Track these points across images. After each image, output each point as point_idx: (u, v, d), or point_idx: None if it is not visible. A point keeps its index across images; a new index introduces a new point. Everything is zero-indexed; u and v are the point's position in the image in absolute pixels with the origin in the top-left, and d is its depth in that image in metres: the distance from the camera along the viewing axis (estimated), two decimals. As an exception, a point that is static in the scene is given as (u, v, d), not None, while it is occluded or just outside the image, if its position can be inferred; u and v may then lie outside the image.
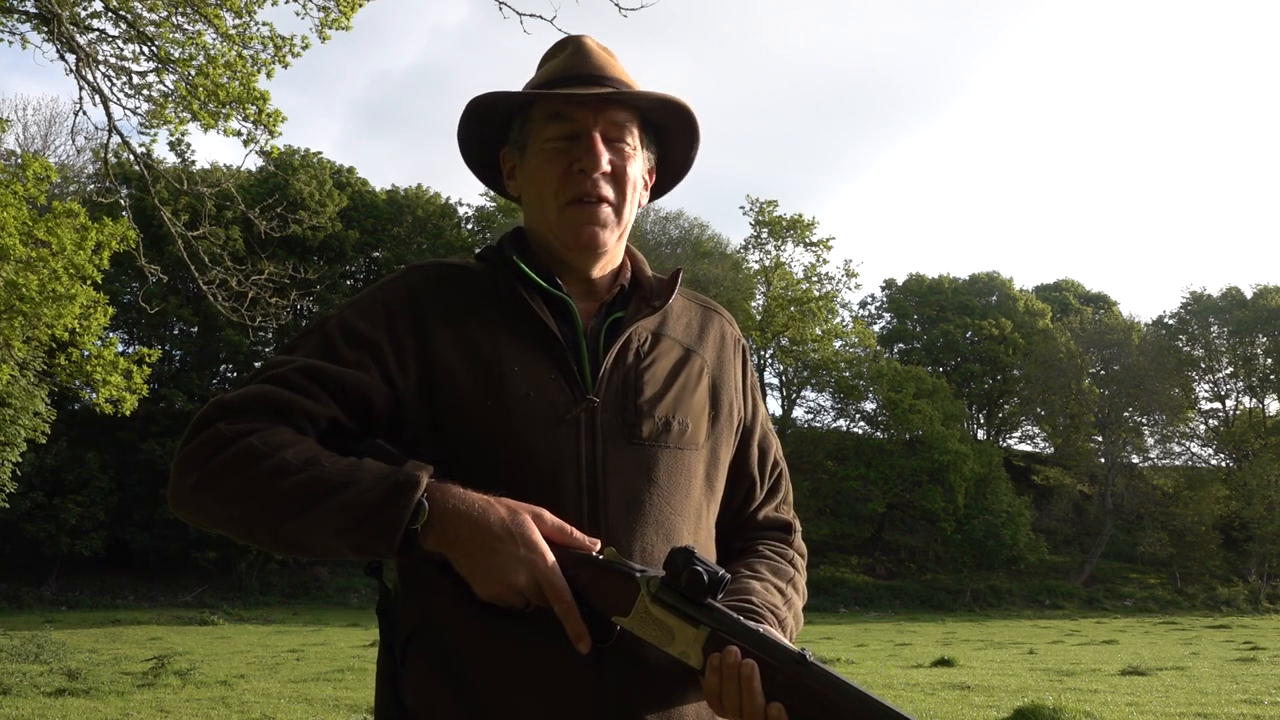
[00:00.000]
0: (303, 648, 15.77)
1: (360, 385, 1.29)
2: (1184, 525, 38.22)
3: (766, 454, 1.53)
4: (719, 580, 1.12)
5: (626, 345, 1.38)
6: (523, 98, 1.41)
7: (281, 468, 1.18)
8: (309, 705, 9.06)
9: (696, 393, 1.41)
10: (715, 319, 1.53)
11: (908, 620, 29.86)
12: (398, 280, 1.41)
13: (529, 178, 1.41)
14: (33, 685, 9.60)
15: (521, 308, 1.36)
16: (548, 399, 1.30)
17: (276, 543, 1.22)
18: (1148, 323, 47.39)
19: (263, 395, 1.26)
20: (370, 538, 1.15)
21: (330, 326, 1.35)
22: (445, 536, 1.16)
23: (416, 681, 1.26)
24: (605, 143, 1.38)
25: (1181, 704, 9.38)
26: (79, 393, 13.29)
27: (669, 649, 1.14)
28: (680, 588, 1.12)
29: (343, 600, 29.36)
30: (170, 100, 10.01)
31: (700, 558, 1.13)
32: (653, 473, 1.32)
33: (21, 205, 10.87)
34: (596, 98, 1.37)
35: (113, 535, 28.48)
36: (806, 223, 39.50)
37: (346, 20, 9.89)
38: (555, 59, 1.45)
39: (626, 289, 1.45)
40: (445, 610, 1.25)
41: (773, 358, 41.50)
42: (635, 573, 1.15)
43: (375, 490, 1.15)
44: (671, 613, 1.13)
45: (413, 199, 38.72)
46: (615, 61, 1.46)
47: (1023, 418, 47.41)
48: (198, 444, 1.23)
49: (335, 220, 30.64)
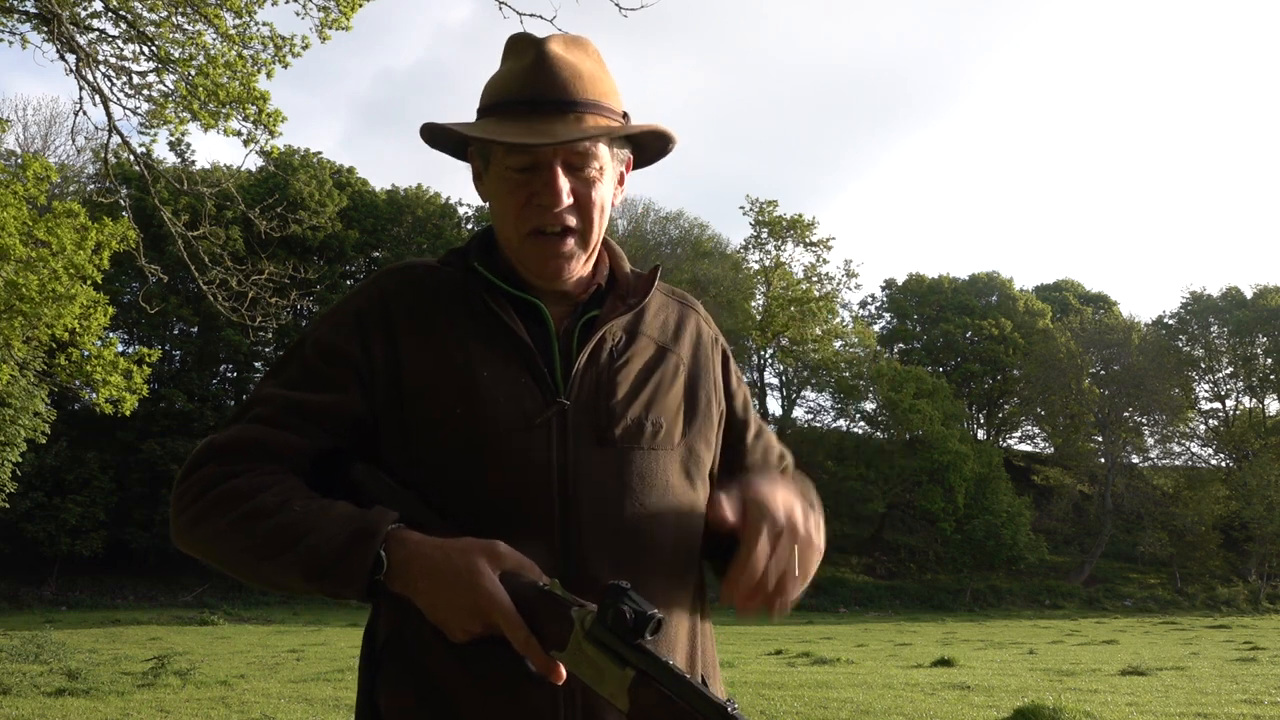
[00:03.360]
0: (303, 648, 15.77)
1: (343, 410, 1.31)
2: (1184, 525, 38.23)
3: (770, 449, 1.52)
4: (645, 620, 1.06)
5: (600, 345, 1.36)
6: (473, 138, 1.31)
7: (258, 511, 1.21)
8: (309, 705, 9.05)
9: (671, 391, 1.39)
10: (691, 315, 1.49)
11: (908, 620, 29.86)
12: (369, 286, 1.40)
13: (492, 195, 1.36)
14: (33, 685, 9.60)
15: (489, 314, 1.34)
16: (518, 405, 1.29)
17: (261, 582, 1.26)
18: (1148, 323, 47.48)
19: (251, 437, 1.28)
20: (336, 585, 1.18)
21: (307, 348, 1.36)
22: (407, 585, 1.16)
23: (390, 690, 1.29)
24: (568, 170, 1.30)
25: (1181, 704, 9.37)
26: (79, 393, 13.28)
27: (599, 689, 1.10)
28: (608, 625, 1.08)
29: (342, 600, 29.31)
30: (170, 100, 10.01)
31: (631, 596, 1.07)
32: (625, 475, 1.30)
33: (21, 205, 10.87)
34: (553, 144, 1.28)
35: (113, 535, 28.50)
36: (806, 223, 39.55)
37: (346, 20, 9.89)
38: (515, 67, 1.33)
39: (604, 286, 1.42)
40: (416, 622, 1.24)
41: (773, 358, 41.54)
42: (571, 607, 1.12)
43: (336, 539, 1.17)
44: (602, 651, 1.09)
45: (413, 199, 38.73)
46: (583, 61, 1.33)
47: (1023, 418, 47.42)
48: (188, 485, 1.27)
49: (335, 220, 30.62)
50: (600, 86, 1.32)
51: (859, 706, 9.02)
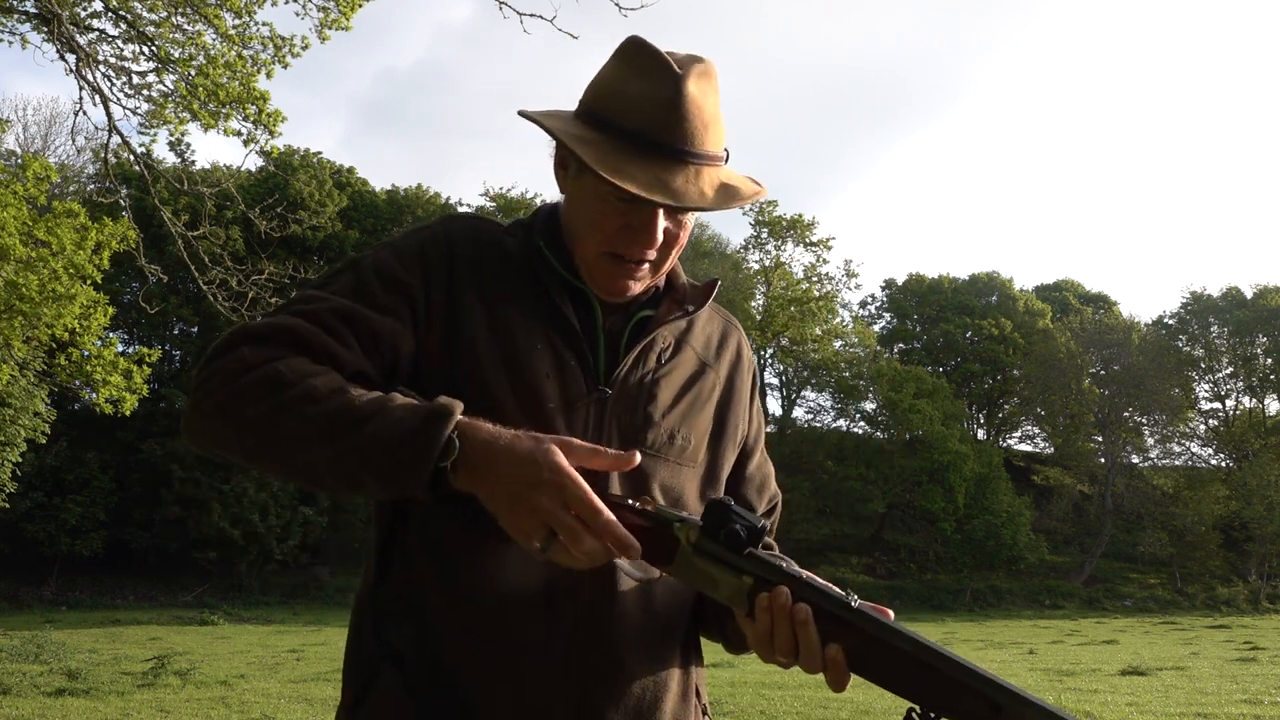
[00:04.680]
0: (303, 648, 15.78)
1: (392, 335, 1.25)
2: (1184, 525, 38.21)
3: (766, 483, 1.53)
4: (757, 534, 1.12)
5: (650, 347, 1.36)
6: (580, 158, 1.25)
7: (309, 395, 1.13)
8: (309, 705, 9.06)
9: (705, 410, 1.39)
10: (734, 334, 1.50)
11: (908, 620, 29.67)
12: (436, 228, 1.36)
13: (578, 202, 1.32)
14: (33, 685, 9.61)
15: (545, 295, 1.33)
16: (563, 384, 1.29)
17: (298, 474, 1.18)
18: (1148, 323, 47.40)
19: (292, 328, 1.21)
20: (398, 468, 1.10)
21: (364, 265, 1.31)
22: (474, 471, 1.10)
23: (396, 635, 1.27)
24: (667, 213, 1.28)
25: (1181, 704, 9.38)
26: (79, 393, 13.29)
27: (714, 595, 1.16)
28: (721, 542, 1.13)
29: (343, 600, 29.33)
30: (170, 100, 10.01)
31: (737, 512, 1.12)
32: (648, 484, 1.30)
33: (21, 205, 10.87)
34: (678, 207, 1.25)
35: (113, 535, 28.48)
36: (806, 223, 39.51)
37: (346, 20, 9.90)
38: (647, 94, 1.26)
39: (660, 289, 1.41)
40: (427, 599, 1.25)
41: (773, 358, 41.51)
42: (673, 524, 1.15)
43: (407, 420, 1.11)
44: (714, 563, 1.14)
45: (413, 199, 38.73)
46: (711, 104, 1.28)
47: (1023, 418, 47.39)
48: (220, 367, 1.18)
49: (335, 220, 30.62)
50: (719, 132, 1.29)
51: (859, 706, 9.03)
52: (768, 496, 1.53)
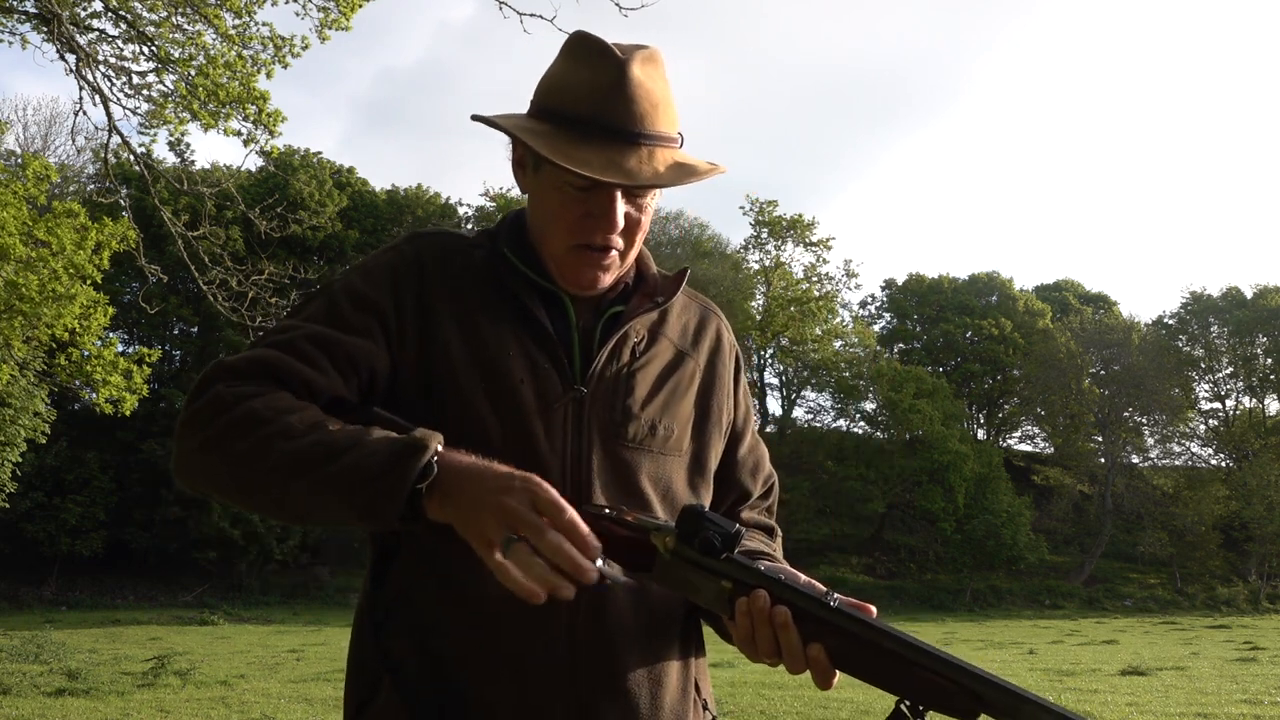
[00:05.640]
0: (303, 648, 15.78)
1: (367, 356, 1.27)
2: (1184, 525, 38.20)
3: (760, 465, 1.53)
4: (732, 540, 1.13)
5: (623, 341, 1.36)
6: (535, 150, 1.27)
7: (285, 431, 1.14)
8: (309, 705, 9.06)
9: (686, 398, 1.40)
10: (712, 320, 1.50)
11: (908, 620, 29.84)
12: (404, 247, 1.38)
13: (538, 198, 1.34)
14: (33, 685, 9.61)
15: (515, 300, 1.35)
16: (539, 388, 1.30)
17: (281, 510, 1.19)
18: (1148, 323, 47.37)
19: (266, 360, 1.23)
20: (376, 499, 1.10)
21: (335, 290, 1.33)
22: (447, 497, 1.10)
23: (396, 645, 1.29)
24: (626, 197, 1.30)
25: (1181, 704, 9.38)
26: (79, 393, 13.29)
27: (695, 599, 1.17)
28: (697, 548, 1.14)
29: (343, 600, 29.33)
30: (170, 100, 10.01)
31: (711, 519, 1.13)
32: (634, 477, 1.31)
33: (21, 205, 10.87)
34: (632, 186, 1.27)
35: (113, 535, 28.49)
36: (806, 223, 39.52)
37: (346, 20, 9.90)
38: (591, 81, 1.28)
39: (630, 285, 1.42)
40: (428, 599, 1.27)
41: (773, 358, 41.51)
42: (649, 532, 1.16)
43: (383, 452, 1.11)
44: (692, 569, 1.15)
45: (413, 199, 38.74)
46: (659, 86, 1.30)
47: (1023, 418, 47.38)
48: (199, 408, 1.20)
49: (335, 220, 30.59)
50: (670, 114, 1.30)
51: (859, 706, 9.02)
52: (762, 478, 1.53)
